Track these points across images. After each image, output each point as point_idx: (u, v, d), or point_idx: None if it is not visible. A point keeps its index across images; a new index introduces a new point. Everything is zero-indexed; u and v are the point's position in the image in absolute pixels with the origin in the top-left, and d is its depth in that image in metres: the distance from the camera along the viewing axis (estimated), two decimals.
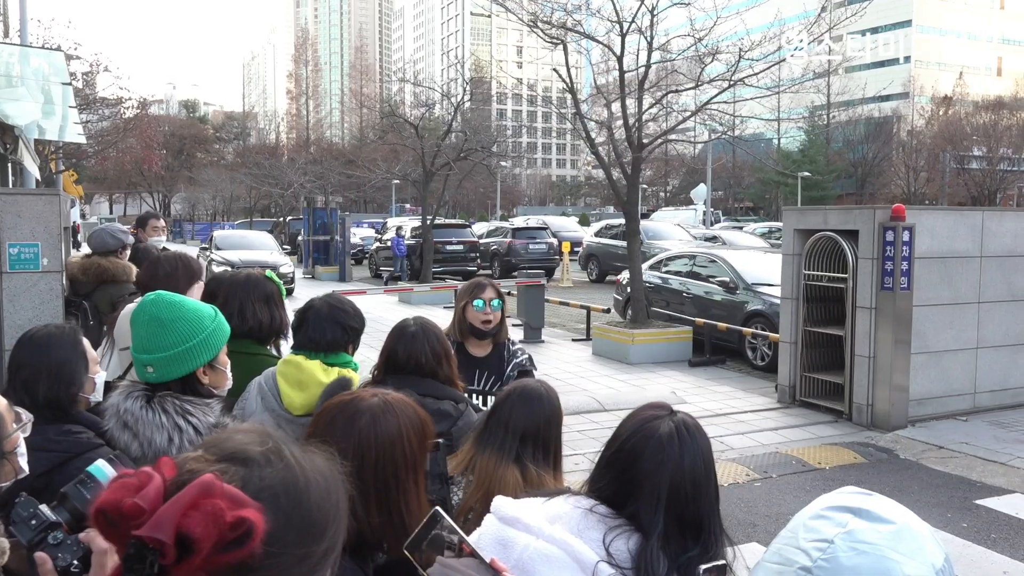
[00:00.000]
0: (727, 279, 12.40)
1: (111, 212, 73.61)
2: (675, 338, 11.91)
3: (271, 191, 34.64)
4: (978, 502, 6.19)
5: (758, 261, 13.19)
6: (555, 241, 26.50)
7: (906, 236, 8.02)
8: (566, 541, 1.58)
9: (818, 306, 9.15)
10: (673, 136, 15.20)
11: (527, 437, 2.29)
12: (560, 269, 24.30)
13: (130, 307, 3.71)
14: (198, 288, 3.48)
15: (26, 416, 1.69)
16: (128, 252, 5.26)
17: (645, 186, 56.23)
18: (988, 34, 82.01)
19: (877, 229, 8.12)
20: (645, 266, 13.83)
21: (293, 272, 18.36)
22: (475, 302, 3.61)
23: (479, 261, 25.39)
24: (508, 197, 65.68)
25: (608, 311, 14.51)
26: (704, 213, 36.29)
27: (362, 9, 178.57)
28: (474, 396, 3.47)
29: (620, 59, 13.43)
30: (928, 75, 70.04)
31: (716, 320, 11.96)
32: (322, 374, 2.68)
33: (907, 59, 58.18)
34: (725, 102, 13.89)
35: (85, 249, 5.57)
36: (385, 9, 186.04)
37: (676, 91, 14.25)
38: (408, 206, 62.30)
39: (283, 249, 33.93)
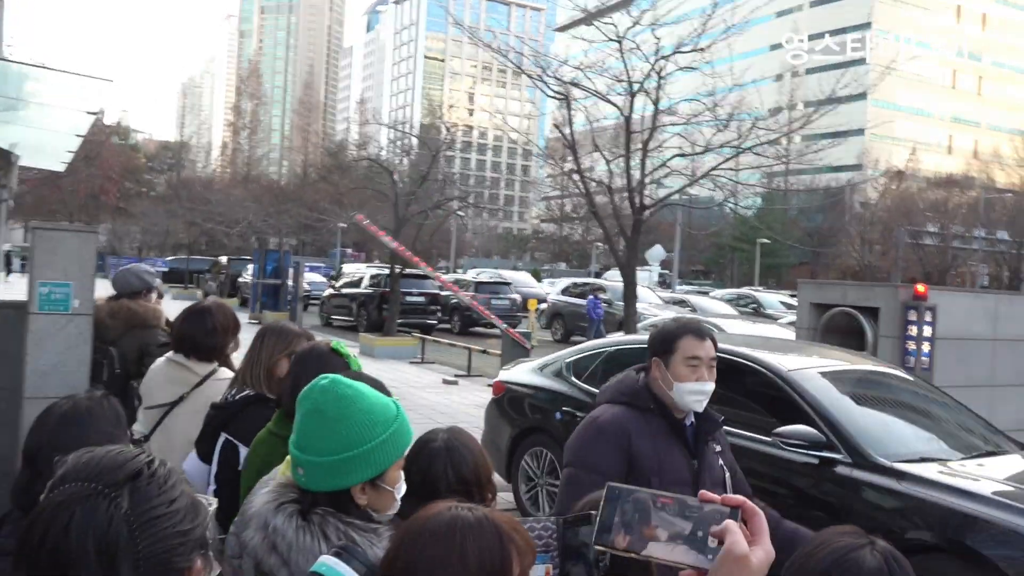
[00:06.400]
0: None
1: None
2: None
3: (215, 228, 32.95)
4: None
5: (748, 331, 12.69)
6: (518, 297, 25.89)
7: (928, 316, 8.03)
8: None
9: None
10: (675, 199, 14.72)
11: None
12: (526, 327, 23.41)
13: (160, 361, 3.67)
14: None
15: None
16: (154, 295, 5.01)
17: (599, 244, 56.11)
18: (940, 112, 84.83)
19: (899, 308, 8.12)
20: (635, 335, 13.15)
21: None
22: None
23: (439, 314, 24.38)
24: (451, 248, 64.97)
25: None
26: (664, 275, 35.99)
27: (310, 45, 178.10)
28: None
29: (628, 119, 13.00)
30: (882, 149, 72.34)
31: None
32: None
33: (861, 131, 60.32)
34: (738, 168, 13.75)
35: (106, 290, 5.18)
36: (333, 46, 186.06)
37: (683, 155, 13.73)
38: (351, 251, 60.88)
39: (216, 291, 32.50)
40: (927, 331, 8.04)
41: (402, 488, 1.90)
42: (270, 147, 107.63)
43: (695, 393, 2.74)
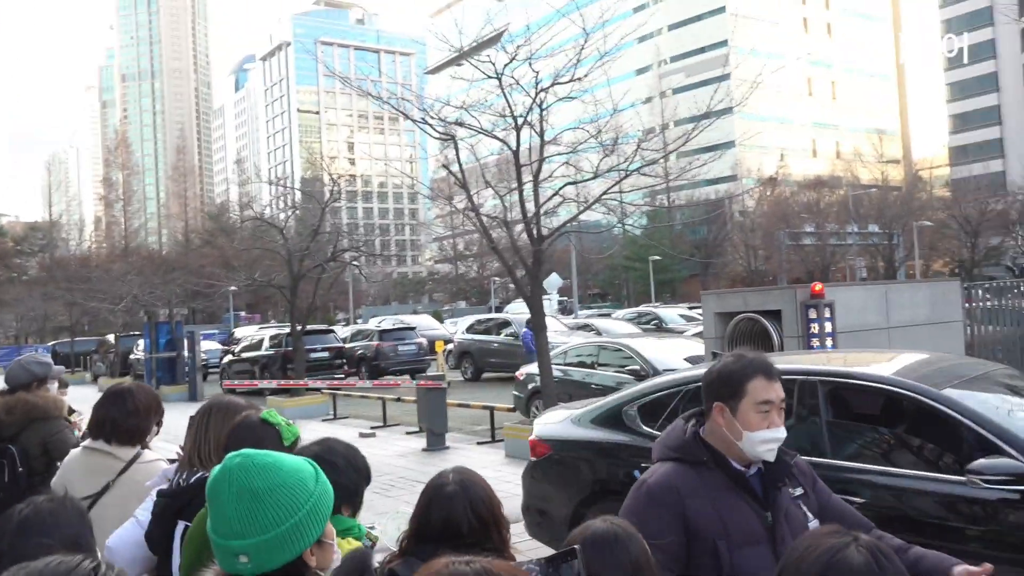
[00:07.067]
0: (637, 367, 11.88)
1: None
2: None
3: (98, 306, 31.47)
4: None
5: (661, 347, 12.98)
6: (424, 341, 25.78)
7: (827, 312, 8.46)
8: None
9: None
10: (571, 226, 14.93)
11: None
12: (435, 369, 23.28)
13: (76, 452, 3.49)
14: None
15: None
16: (55, 384, 4.80)
17: (496, 279, 56.36)
18: (801, 119, 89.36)
19: (799, 308, 8.48)
20: None
21: None
22: None
23: (346, 367, 24.02)
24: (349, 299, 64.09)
25: (514, 410, 13.71)
26: (563, 302, 36.42)
27: (177, 109, 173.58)
28: None
29: (516, 153, 13.06)
30: (753, 158, 75.65)
31: None
32: None
33: (732, 144, 63.09)
34: (623, 191, 13.82)
35: None
36: (203, 108, 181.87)
37: (574, 182, 13.96)
38: (244, 314, 59.24)
39: (106, 371, 30.98)
40: (828, 327, 8.44)
41: (335, 535, 1.85)
42: (147, 217, 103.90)
43: (768, 442, 2.39)
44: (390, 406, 15.51)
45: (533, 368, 13.26)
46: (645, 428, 5.12)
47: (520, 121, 12.84)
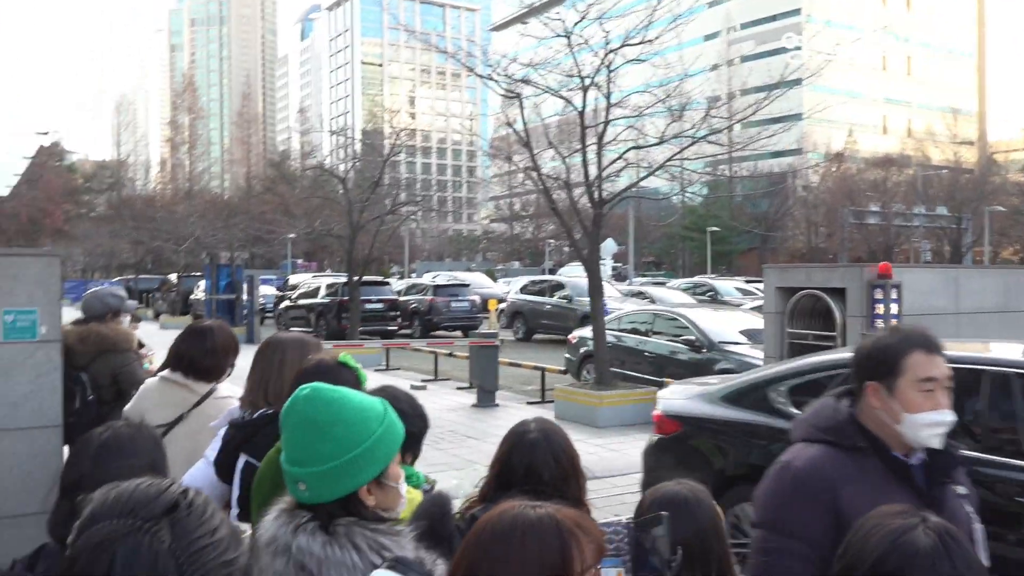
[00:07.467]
0: (692, 338, 11.82)
1: None
2: (642, 399, 11.07)
3: (162, 246, 32.37)
4: None
5: (717, 319, 12.84)
6: (477, 298, 25.96)
7: (894, 294, 8.17)
8: None
9: None
10: (634, 191, 14.82)
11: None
12: (488, 327, 23.44)
13: (153, 381, 3.59)
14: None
15: None
16: (127, 318, 5.07)
17: (551, 241, 56.22)
18: (873, 93, 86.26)
19: (865, 287, 8.21)
20: None
21: None
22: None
23: (399, 320, 24.31)
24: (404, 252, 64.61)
25: (565, 372, 13.86)
26: (617, 268, 36.21)
27: (244, 55, 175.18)
28: None
29: (582, 114, 12.95)
30: (820, 132, 73.89)
31: (680, 379, 11.38)
32: None
33: (799, 116, 61.60)
34: (686, 159, 13.59)
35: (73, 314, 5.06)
36: (268, 56, 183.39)
37: (639, 147, 13.78)
38: (301, 262, 60.07)
39: (167, 309, 31.81)
40: (893, 308, 8.11)
41: (404, 483, 1.85)
42: (211, 161, 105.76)
43: (933, 425, 2.09)
44: (441, 361, 15.71)
45: (586, 332, 13.29)
46: (795, 411, 4.65)
47: (587, 82, 12.83)
